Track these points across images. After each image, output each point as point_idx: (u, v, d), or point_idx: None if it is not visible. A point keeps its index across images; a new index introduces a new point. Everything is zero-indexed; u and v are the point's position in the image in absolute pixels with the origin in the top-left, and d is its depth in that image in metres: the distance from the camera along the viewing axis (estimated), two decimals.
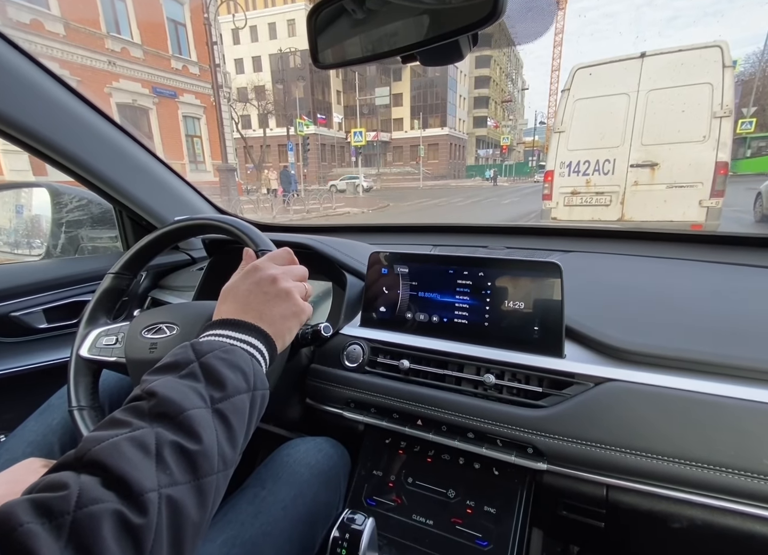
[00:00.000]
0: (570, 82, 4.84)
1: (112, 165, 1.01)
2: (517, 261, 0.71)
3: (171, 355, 0.44)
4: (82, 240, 1.14)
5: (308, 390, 0.84)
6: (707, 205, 4.38)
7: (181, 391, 0.38)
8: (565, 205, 5.21)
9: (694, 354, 0.60)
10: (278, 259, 0.58)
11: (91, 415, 0.64)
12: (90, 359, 0.68)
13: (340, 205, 15.03)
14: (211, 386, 0.40)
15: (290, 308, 0.53)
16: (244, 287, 0.53)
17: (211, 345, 0.44)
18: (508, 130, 56.30)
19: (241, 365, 0.43)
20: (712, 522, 0.54)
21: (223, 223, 0.69)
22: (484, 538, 0.64)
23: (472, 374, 0.71)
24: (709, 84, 4.13)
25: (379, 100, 33.34)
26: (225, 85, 16.63)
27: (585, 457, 0.59)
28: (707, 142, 4.24)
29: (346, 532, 0.57)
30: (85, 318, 0.72)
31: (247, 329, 0.48)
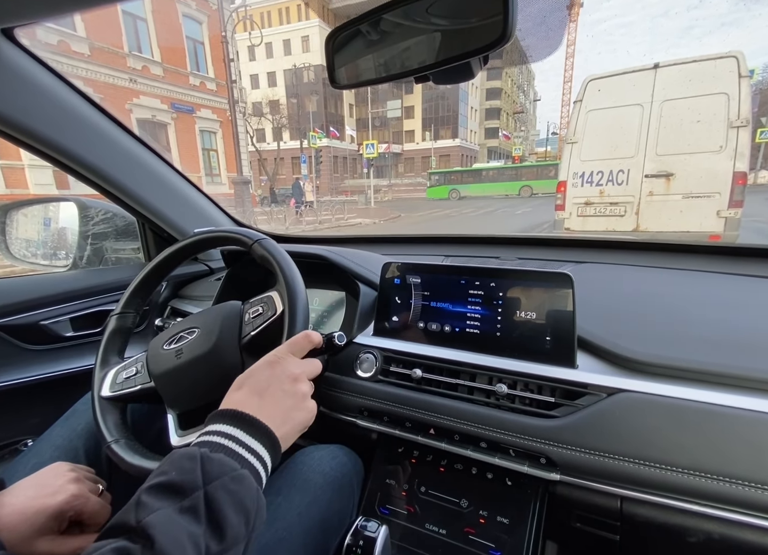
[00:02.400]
0: (582, 94, 4.84)
1: (135, 179, 1.05)
2: (528, 272, 0.72)
3: (177, 469, 0.40)
4: (106, 251, 1.19)
5: (322, 398, 0.85)
6: (725, 216, 4.31)
7: (180, 544, 0.35)
8: (578, 215, 5.17)
9: (708, 365, 0.59)
10: (297, 349, 0.58)
11: (129, 444, 0.65)
12: (113, 397, 0.69)
13: (351, 216, 15.17)
14: (211, 532, 0.37)
15: (302, 411, 0.53)
16: (264, 378, 0.52)
17: (221, 466, 0.41)
18: (519, 140, 56.34)
19: (246, 505, 0.41)
20: (730, 536, 0.53)
21: (239, 235, 0.71)
22: (498, 548, 0.64)
23: (484, 384, 0.71)
24: (725, 94, 4.10)
25: (390, 113, 33.78)
26: (240, 100, 17.03)
27: (598, 467, 0.59)
28: (724, 152, 4.19)
29: (360, 539, 0.57)
30: (99, 361, 0.74)
31: (261, 434, 0.46)
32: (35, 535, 0.52)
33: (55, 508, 0.54)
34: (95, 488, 0.62)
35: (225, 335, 0.65)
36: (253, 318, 0.66)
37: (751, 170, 4.41)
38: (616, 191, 4.88)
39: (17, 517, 0.51)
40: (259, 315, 0.66)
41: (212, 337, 0.64)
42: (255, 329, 0.65)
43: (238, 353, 0.65)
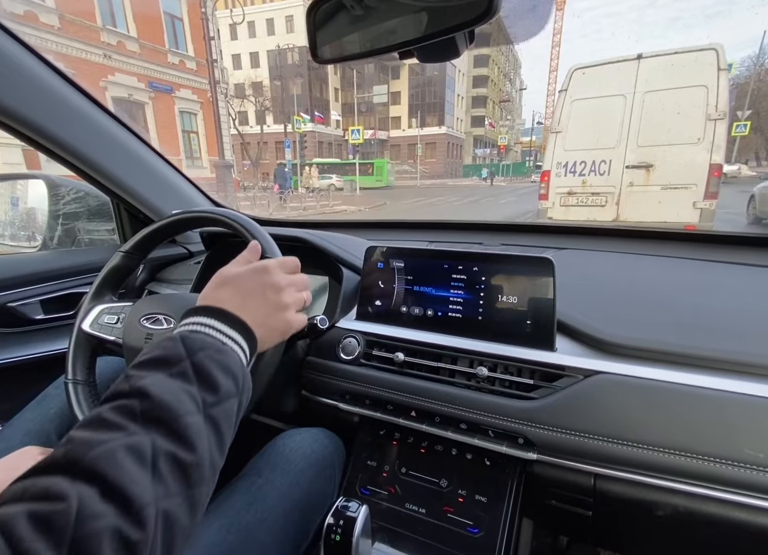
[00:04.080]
0: (567, 83, 4.86)
1: (109, 157, 1.01)
2: (510, 256, 0.72)
3: (160, 348, 0.42)
4: (79, 232, 1.14)
5: (304, 382, 0.85)
6: (701, 207, 4.42)
7: (175, 394, 0.37)
8: (561, 205, 5.24)
9: (680, 347, 0.61)
10: (286, 267, 0.58)
11: (85, 392, 0.66)
12: (91, 334, 0.69)
13: (337, 202, 15.00)
14: (204, 389, 0.39)
15: (282, 322, 0.54)
16: (249, 284, 0.52)
17: (203, 342, 0.43)
18: (505, 129, 56.38)
19: (233, 368, 0.43)
20: (694, 509, 0.56)
21: (226, 218, 0.70)
22: (475, 526, 0.65)
23: (465, 367, 0.72)
24: (704, 87, 4.17)
25: (377, 98, 33.22)
26: (222, 81, 16.51)
27: (574, 447, 0.60)
28: (701, 144, 4.28)
29: (341, 519, 0.58)
30: (91, 293, 0.73)
31: (240, 328, 0.48)
32: None
33: None
34: None
35: None
36: None
37: (726, 163, 4.52)
38: (598, 181, 4.95)
39: None
40: None
41: None
42: None
43: None
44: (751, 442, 0.52)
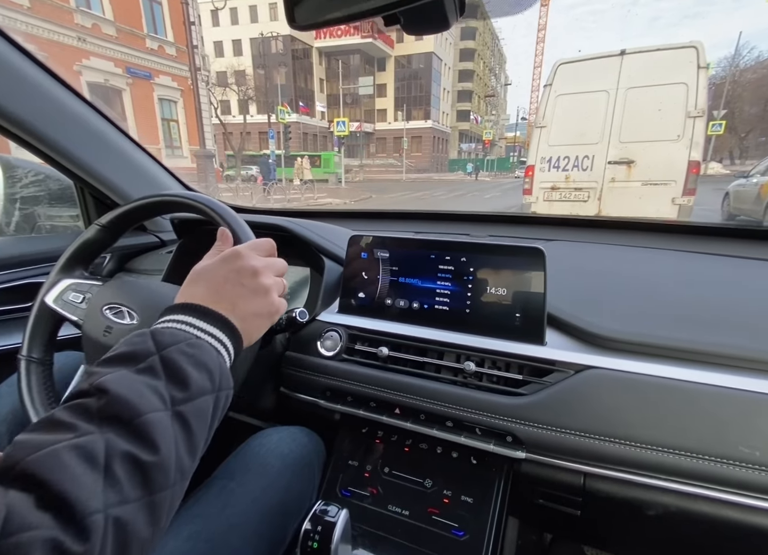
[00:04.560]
0: (552, 78, 4.87)
1: (71, 137, 0.93)
2: (500, 246, 0.69)
3: (127, 344, 0.39)
4: (39, 218, 1.07)
5: (283, 378, 0.81)
6: (679, 203, 4.50)
7: (138, 390, 0.34)
8: (544, 200, 5.27)
9: (674, 341, 0.59)
10: (260, 250, 0.54)
11: (38, 372, 0.61)
12: (53, 310, 0.64)
13: (321, 195, 14.85)
14: (173, 385, 0.36)
15: (266, 306, 0.50)
16: (221, 273, 0.48)
17: (174, 336, 0.40)
18: (490, 124, 56.69)
19: (207, 363, 0.40)
20: (686, 508, 0.54)
21: (197, 202, 0.64)
22: (461, 528, 0.62)
23: (452, 362, 0.69)
24: (684, 84, 4.22)
25: (362, 90, 32.86)
26: (203, 68, 16.10)
27: (564, 445, 0.58)
28: (681, 141, 4.35)
29: (319, 524, 0.54)
30: (60, 265, 0.67)
31: (217, 321, 0.44)
32: None
33: None
34: None
35: None
36: None
37: (702, 161, 4.61)
38: (580, 177, 4.99)
39: None
40: None
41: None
42: None
43: None
44: (746, 439, 0.51)
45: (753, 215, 6.63)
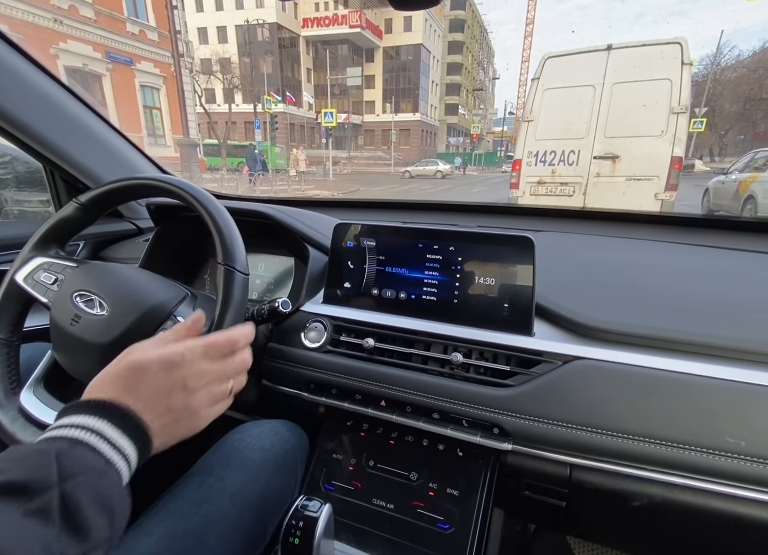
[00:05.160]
0: (540, 71, 4.87)
1: (40, 117, 0.88)
2: (489, 235, 0.68)
3: (22, 465, 0.32)
4: (5, 202, 1.01)
5: (265, 370, 0.79)
6: (662, 198, 4.57)
7: (27, 548, 0.28)
8: (531, 194, 5.30)
9: (662, 332, 0.59)
10: (215, 351, 0.47)
11: (2, 352, 0.58)
12: (23, 288, 0.61)
13: (309, 187, 14.69)
14: (68, 534, 0.30)
15: (186, 430, 0.45)
16: (150, 388, 0.42)
17: (82, 461, 0.34)
18: (478, 118, 56.64)
19: (112, 502, 0.34)
20: (671, 499, 0.54)
21: (165, 184, 0.61)
22: (446, 521, 0.61)
23: (439, 353, 0.68)
24: (668, 80, 4.27)
25: (350, 81, 32.42)
26: (187, 55, 15.67)
27: (550, 436, 0.57)
28: (664, 137, 4.40)
29: (300, 519, 0.53)
30: (34, 241, 0.64)
31: (136, 435, 0.39)
32: None
33: None
34: None
35: (132, 335, 0.54)
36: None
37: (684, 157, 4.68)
38: (566, 171, 5.02)
39: None
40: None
41: (113, 331, 0.54)
42: None
43: None
44: (733, 429, 0.50)
45: (731, 211, 6.80)
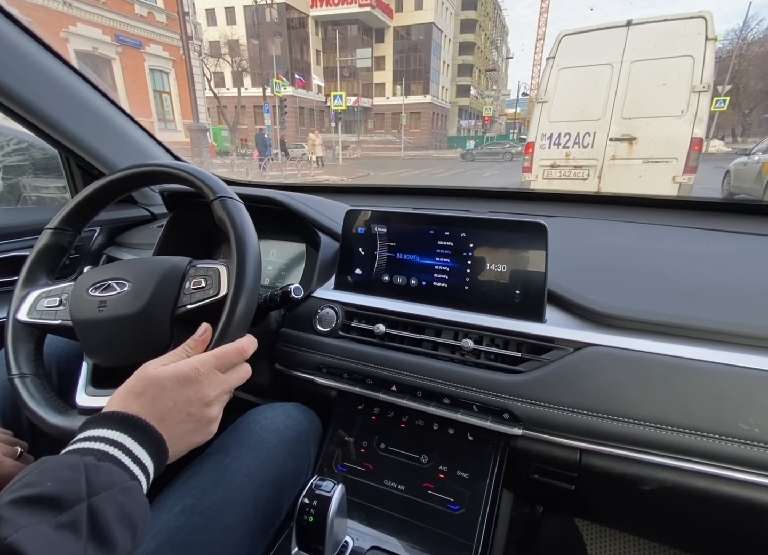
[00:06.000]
0: (555, 50, 4.70)
1: (56, 104, 0.88)
2: (501, 221, 0.67)
3: (53, 478, 0.33)
4: (24, 189, 1.02)
5: (278, 355, 0.80)
6: (680, 181, 4.44)
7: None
8: (544, 178, 5.19)
9: (675, 318, 0.58)
10: (225, 363, 0.50)
11: (35, 383, 0.58)
12: (30, 323, 0.61)
13: (318, 172, 14.62)
14: (94, 549, 0.31)
15: (199, 437, 0.48)
16: (172, 395, 0.44)
17: (109, 476, 0.36)
18: (490, 100, 55.34)
19: (135, 517, 0.36)
20: (681, 483, 0.54)
21: (177, 170, 0.61)
22: (456, 503, 0.63)
23: (449, 339, 0.68)
24: (690, 57, 4.09)
25: (360, 62, 31.78)
26: (195, 37, 15.53)
27: (561, 422, 0.58)
28: (684, 117, 4.24)
29: (314, 498, 0.54)
30: (22, 278, 0.63)
31: (154, 449, 0.41)
32: None
33: None
34: (12, 451, 0.56)
35: (157, 300, 0.56)
36: (194, 290, 0.57)
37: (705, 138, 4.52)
38: (581, 154, 4.89)
39: None
40: (200, 289, 0.56)
41: (142, 298, 0.55)
42: (192, 304, 0.56)
43: (168, 323, 0.56)
44: (747, 416, 0.50)
45: (753, 194, 6.57)
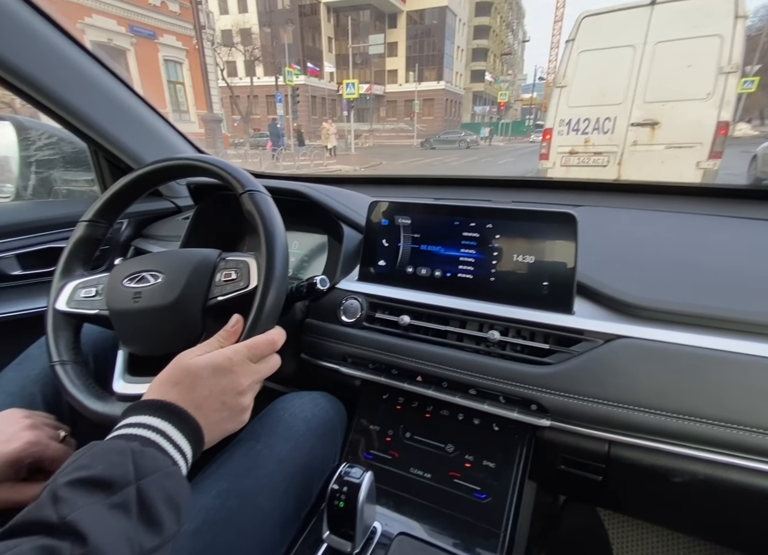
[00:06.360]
0: (575, 32, 4.54)
1: (85, 97, 0.90)
2: (530, 212, 0.66)
3: (103, 461, 0.35)
4: (55, 182, 1.05)
5: (303, 345, 0.82)
6: (704, 167, 4.28)
7: (115, 541, 0.31)
8: (561, 165, 5.06)
9: (708, 310, 0.57)
10: (257, 353, 0.51)
11: (75, 370, 0.60)
12: (68, 313, 0.63)
13: (331, 161, 14.58)
14: (144, 528, 0.33)
15: (232, 425, 0.50)
16: (206, 385, 0.46)
17: (154, 461, 0.37)
18: (506, 85, 54.07)
19: (178, 501, 0.37)
20: (714, 476, 0.54)
21: (207, 164, 0.62)
22: (483, 491, 0.64)
23: (474, 330, 0.68)
24: (718, 36, 3.91)
25: (373, 49, 31.32)
26: (208, 27, 15.49)
27: (590, 413, 0.57)
28: (710, 100, 4.07)
29: (344, 485, 0.55)
30: (59, 270, 0.66)
31: (192, 437, 0.43)
32: None
33: (8, 455, 0.51)
34: (55, 435, 0.58)
35: (190, 291, 0.58)
36: (224, 282, 0.58)
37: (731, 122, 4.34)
38: (601, 140, 4.75)
39: None
40: (230, 281, 0.58)
41: (175, 289, 0.57)
42: (223, 295, 0.58)
43: (200, 314, 0.58)
44: None
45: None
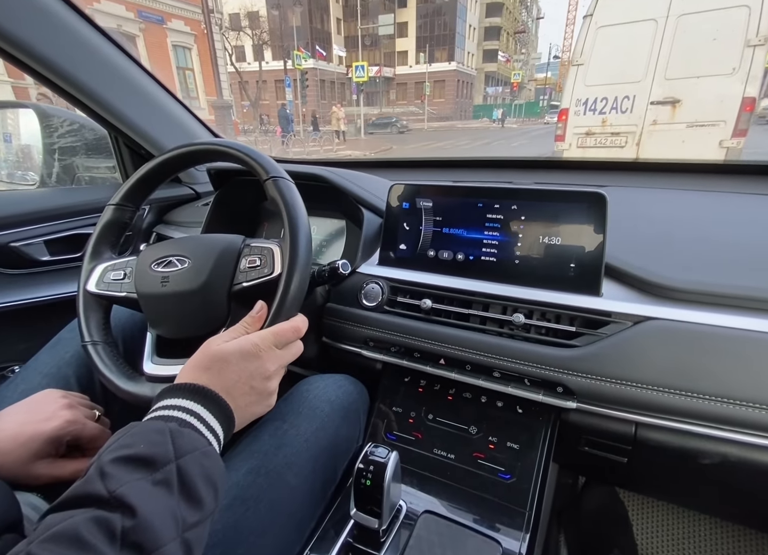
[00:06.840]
0: (593, 7, 4.36)
1: (106, 84, 0.90)
2: (557, 192, 0.65)
3: (146, 442, 0.37)
4: (77, 169, 1.06)
5: (324, 328, 0.82)
6: (728, 146, 4.13)
7: (162, 514, 0.33)
8: (578, 146, 4.93)
9: (739, 289, 0.56)
10: (282, 340, 0.53)
11: (106, 350, 0.62)
12: (98, 294, 0.65)
13: (341, 147, 14.48)
14: (186, 504, 0.35)
15: (260, 408, 0.52)
16: (235, 370, 0.48)
17: (192, 441, 0.39)
18: (519, 65, 52.56)
19: (215, 480, 0.39)
20: (747, 458, 0.53)
21: (231, 149, 0.62)
22: (507, 472, 0.64)
23: (498, 314, 0.68)
24: (746, 6, 3.72)
25: (382, 30, 30.62)
26: (216, 10, 15.30)
27: (618, 395, 0.57)
28: (736, 75, 3.89)
29: (371, 464, 0.56)
30: (89, 252, 0.67)
31: (225, 419, 0.45)
32: (32, 458, 0.52)
33: (49, 433, 0.53)
34: (91, 414, 0.60)
35: (216, 277, 0.59)
36: (249, 268, 0.60)
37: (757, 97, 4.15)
38: (619, 120, 4.60)
39: (10, 442, 0.51)
40: (255, 267, 0.59)
41: (202, 274, 0.59)
42: (248, 282, 0.59)
43: (225, 299, 0.60)
44: None
45: None
